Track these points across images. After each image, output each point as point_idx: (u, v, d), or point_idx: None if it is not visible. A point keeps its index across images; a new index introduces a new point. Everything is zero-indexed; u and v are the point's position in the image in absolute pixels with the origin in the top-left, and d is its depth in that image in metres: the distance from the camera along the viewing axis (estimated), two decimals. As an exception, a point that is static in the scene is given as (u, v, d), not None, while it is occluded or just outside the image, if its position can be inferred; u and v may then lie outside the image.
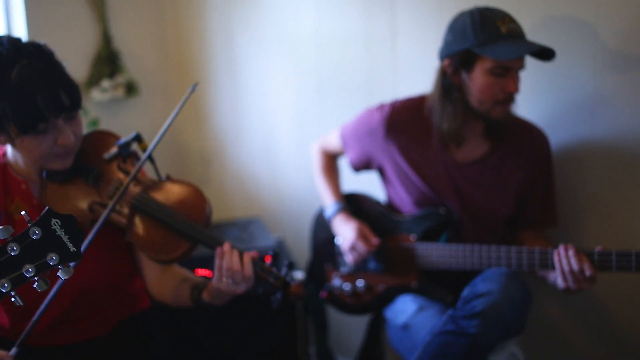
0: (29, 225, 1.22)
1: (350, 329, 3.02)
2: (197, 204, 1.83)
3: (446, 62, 2.14)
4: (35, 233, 1.22)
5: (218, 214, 3.66)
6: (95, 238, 1.81)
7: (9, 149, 1.83)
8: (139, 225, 1.81)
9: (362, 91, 2.87)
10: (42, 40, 3.07)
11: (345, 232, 2.36)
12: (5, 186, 1.83)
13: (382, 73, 2.79)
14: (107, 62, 3.45)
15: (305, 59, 3.08)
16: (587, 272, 1.92)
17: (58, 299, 1.77)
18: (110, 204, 1.73)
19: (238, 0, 3.32)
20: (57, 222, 1.25)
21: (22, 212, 1.23)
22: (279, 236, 3.19)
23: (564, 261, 1.95)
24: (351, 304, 2.44)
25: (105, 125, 3.40)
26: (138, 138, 1.85)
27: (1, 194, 1.82)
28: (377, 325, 2.53)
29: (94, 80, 3.43)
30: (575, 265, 1.93)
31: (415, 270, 2.28)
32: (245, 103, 3.44)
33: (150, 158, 1.82)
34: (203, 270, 2.63)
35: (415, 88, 2.44)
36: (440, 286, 2.26)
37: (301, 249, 3.08)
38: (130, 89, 3.51)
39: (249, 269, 1.75)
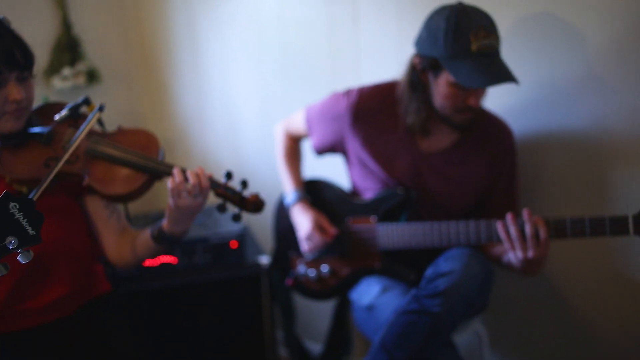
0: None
1: (317, 313, 3.04)
2: (148, 141, 1.94)
3: (416, 59, 2.13)
4: None
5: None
6: (53, 206, 1.88)
7: None
8: (95, 167, 1.87)
9: (326, 75, 2.88)
10: None
11: (302, 222, 2.38)
12: None
13: (345, 57, 2.79)
14: (68, 49, 3.40)
15: (268, 43, 3.07)
16: (542, 236, 1.94)
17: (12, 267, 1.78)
18: (65, 153, 1.77)
19: (200, -16, 3.30)
20: (15, 206, 1.23)
21: None
22: (243, 222, 3.20)
23: (512, 228, 1.97)
24: (317, 290, 2.46)
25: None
26: (87, 101, 1.91)
27: None
28: (343, 309, 2.55)
29: (54, 68, 3.38)
30: (528, 230, 1.95)
31: (378, 252, 2.30)
32: (208, 88, 3.43)
33: (99, 120, 1.91)
34: (167, 257, 2.63)
35: (378, 72, 2.46)
36: (403, 266, 2.28)
37: (266, 235, 3.08)
38: (92, 76, 3.46)
39: (205, 180, 1.83)
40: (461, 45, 1.95)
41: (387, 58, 2.29)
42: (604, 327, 2.33)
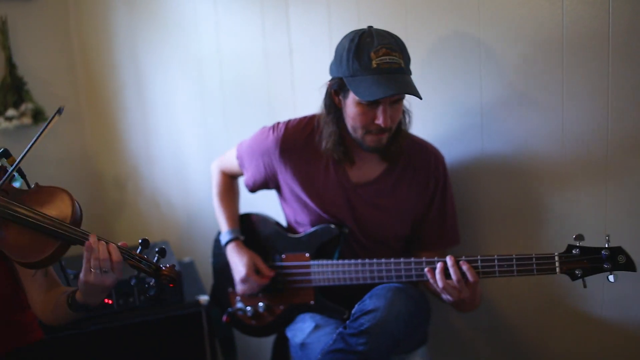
0: None
1: (259, 344, 3.01)
2: (64, 204, 1.81)
3: (329, 82, 2.13)
4: None
5: (135, 239, 3.62)
6: None
7: None
8: (5, 232, 1.77)
9: (264, 108, 2.88)
10: None
11: (237, 265, 2.35)
12: None
13: (282, 90, 2.80)
14: (12, 90, 3.39)
15: (209, 78, 3.08)
16: (471, 279, 1.92)
17: None
18: None
19: (142, 22, 3.30)
20: None
21: None
22: (189, 259, 3.18)
23: (439, 276, 1.96)
24: (254, 326, 2.43)
25: (13, 153, 3.33)
26: (5, 153, 1.83)
27: None
28: (282, 345, 2.51)
29: (-1, 109, 3.37)
30: (454, 275, 1.93)
31: (312, 288, 2.28)
32: (154, 125, 3.42)
33: (19, 171, 1.83)
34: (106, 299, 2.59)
35: (312, 104, 2.44)
36: (337, 303, 2.26)
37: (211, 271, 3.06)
38: (38, 116, 3.44)
39: (116, 254, 1.74)
40: (362, 62, 1.95)
41: (320, 90, 2.28)
42: (548, 356, 2.31)
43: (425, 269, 1.99)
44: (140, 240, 1.82)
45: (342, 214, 2.25)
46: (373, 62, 1.94)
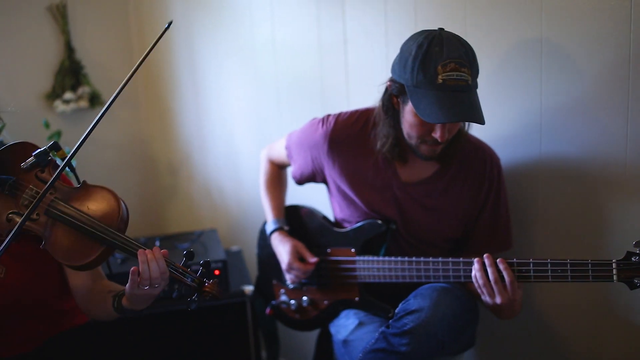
0: None
1: (302, 338, 2.99)
2: (111, 208, 1.79)
3: (389, 82, 2.03)
4: None
5: (185, 226, 3.66)
6: (22, 252, 1.81)
7: None
8: (53, 232, 1.78)
9: (317, 98, 2.84)
10: (3, 54, 3.08)
11: (281, 253, 2.33)
12: None
13: (335, 80, 2.75)
14: (70, 73, 3.44)
15: (263, 68, 3.06)
16: (507, 279, 1.87)
17: None
18: (25, 214, 1.67)
19: (198, 10, 3.30)
20: None
21: None
22: (237, 248, 3.17)
23: (479, 274, 1.91)
24: (297, 320, 2.41)
25: (69, 136, 3.38)
26: (55, 146, 1.80)
27: None
28: (326, 340, 2.48)
29: (57, 92, 3.42)
30: (491, 275, 1.88)
31: (357, 285, 2.23)
32: (208, 113, 3.42)
33: (69, 165, 1.79)
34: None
35: (366, 96, 2.40)
36: (383, 300, 2.21)
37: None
38: (94, 99, 3.49)
39: (164, 271, 1.73)
40: (427, 75, 1.84)
41: (374, 81, 2.23)
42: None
43: (475, 260, 1.93)
44: (184, 252, 1.79)
45: (389, 213, 2.19)
46: (439, 77, 1.82)
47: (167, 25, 1.79)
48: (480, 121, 1.84)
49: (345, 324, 2.22)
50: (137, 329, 2.60)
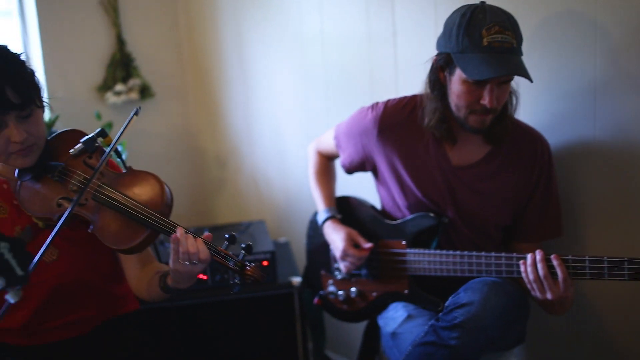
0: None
1: (349, 330, 2.99)
2: (155, 192, 1.82)
3: (435, 57, 2.06)
4: None
5: (233, 217, 3.69)
6: (74, 235, 1.85)
7: None
8: (101, 216, 1.82)
9: (366, 91, 2.83)
10: (56, 47, 3.14)
11: (335, 241, 2.32)
12: None
13: (384, 73, 2.74)
14: (121, 65, 3.49)
15: (311, 60, 3.06)
16: (560, 276, 1.84)
17: (34, 294, 1.83)
18: (75, 199, 1.73)
19: (247, 3, 3.31)
20: (5, 246, 1.24)
21: None
22: (285, 239, 3.19)
23: (530, 269, 1.88)
24: (345, 311, 2.41)
25: (119, 127, 3.43)
26: (102, 133, 1.84)
27: None
28: (373, 332, 2.48)
29: (108, 84, 3.47)
30: (541, 271, 1.85)
31: (407, 277, 2.23)
32: (256, 104, 3.44)
33: (116, 151, 1.84)
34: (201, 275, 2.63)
35: (415, 87, 2.38)
36: (432, 294, 2.20)
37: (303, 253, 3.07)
38: (145, 92, 3.54)
39: (204, 251, 1.74)
40: (472, 39, 1.88)
41: (423, 74, 2.21)
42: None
43: (520, 262, 1.91)
44: (226, 236, 1.80)
45: (441, 197, 2.18)
46: (484, 40, 1.86)
47: (134, 112, 1.83)
48: (528, 77, 1.88)
49: (394, 317, 2.22)
50: (186, 318, 2.64)
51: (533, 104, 2.25)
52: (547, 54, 2.20)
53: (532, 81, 1.88)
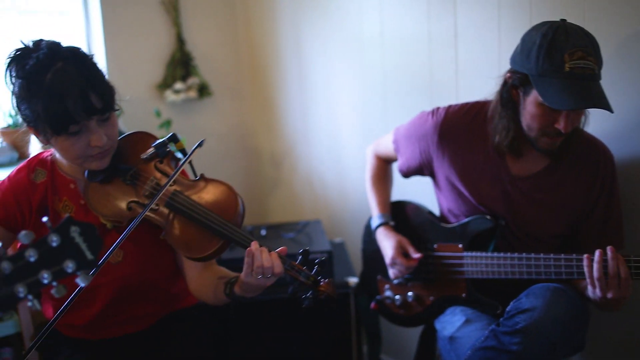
0: (50, 231, 1.24)
1: (404, 334, 2.98)
2: (229, 202, 1.84)
3: (509, 74, 2.02)
4: (54, 240, 1.23)
5: (287, 216, 3.71)
6: (139, 237, 1.87)
7: None
8: (173, 223, 1.84)
9: (425, 94, 2.82)
10: (118, 45, 3.20)
11: (386, 247, 2.33)
12: (54, 185, 1.91)
13: (444, 75, 2.72)
14: (181, 64, 3.54)
15: (370, 61, 3.06)
16: (622, 275, 1.83)
17: (99, 294, 1.88)
18: (147, 205, 1.76)
19: (305, 3, 3.33)
20: (76, 230, 1.26)
21: (45, 219, 1.26)
22: (340, 240, 3.19)
23: (596, 266, 1.86)
24: (402, 316, 2.41)
25: (178, 125, 3.49)
26: (174, 138, 1.85)
27: (50, 193, 1.89)
28: (430, 336, 2.47)
29: (167, 82, 3.53)
30: (611, 269, 1.84)
31: (464, 281, 2.22)
32: (313, 105, 3.45)
33: (190, 163, 1.85)
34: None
35: (476, 91, 2.37)
36: (491, 297, 2.18)
37: (359, 255, 3.06)
38: (203, 90, 3.59)
39: (278, 265, 1.74)
40: (553, 63, 1.82)
41: (485, 77, 2.20)
42: None
43: (584, 256, 1.89)
44: (300, 250, 1.82)
45: (498, 206, 2.16)
46: (566, 66, 1.81)
47: (198, 144, 1.80)
48: (609, 109, 1.83)
49: (452, 321, 2.21)
50: (240, 314, 2.66)
51: (599, 112, 2.21)
52: (614, 68, 2.15)
53: (612, 112, 1.84)
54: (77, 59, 1.72)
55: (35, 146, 3.27)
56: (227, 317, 2.63)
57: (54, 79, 1.66)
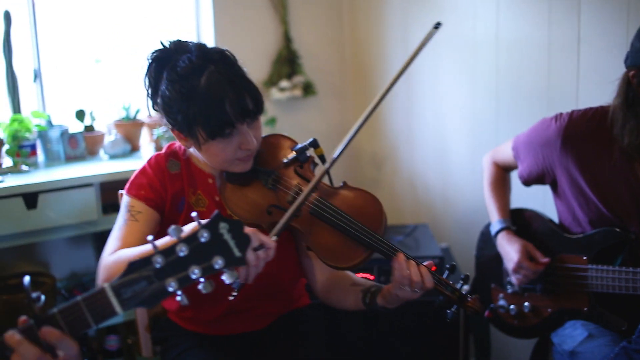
0: (199, 227, 1.25)
1: (514, 348, 2.91)
2: (375, 212, 1.78)
3: (632, 72, 1.95)
4: (204, 236, 1.24)
5: (388, 219, 3.67)
6: None
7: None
8: (317, 231, 1.79)
9: (541, 100, 2.75)
10: (227, 41, 3.24)
11: (509, 252, 2.27)
12: (191, 177, 1.89)
13: (564, 83, 2.65)
14: (287, 62, 3.56)
15: (483, 64, 3.00)
16: None
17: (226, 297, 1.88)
18: (291, 209, 1.70)
19: (415, 3, 3.29)
20: (225, 227, 1.27)
21: (194, 213, 1.26)
22: (445, 245, 3.14)
23: None
24: (516, 326, 2.34)
25: (282, 123, 3.51)
26: (314, 144, 1.84)
27: (186, 184, 1.88)
28: (544, 349, 2.41)
29: (273, 80, 3.55)
30: None
31: (587, 294, 2.14)
32: (419, 107, 3.41)
33: (327, 173, 1.82)
34: (366, 274, 2.64)
35: (599, 99, 2.30)
36: (614, 313, 2.11)
37: (466, 259, 3.01)
38: (308, 89, 3.59)
39: (429, 280, 1.71)
40: None
41: (609, 85, 2.12)
42: None
43: None
44: (447, 266, 1.80)
45: (628, 212, 2.08)
46: None
47: (434, 25, 1.74)
48: None
49: (572, 335, 2.14)
50: (349, 316, 2.64)
51: None
52: None
53: None
54: (227, 62, 1.72)
55: (145, 139, 3.35)
56: (338, 318, 2.62)
57: (210, 81, 1.65)
